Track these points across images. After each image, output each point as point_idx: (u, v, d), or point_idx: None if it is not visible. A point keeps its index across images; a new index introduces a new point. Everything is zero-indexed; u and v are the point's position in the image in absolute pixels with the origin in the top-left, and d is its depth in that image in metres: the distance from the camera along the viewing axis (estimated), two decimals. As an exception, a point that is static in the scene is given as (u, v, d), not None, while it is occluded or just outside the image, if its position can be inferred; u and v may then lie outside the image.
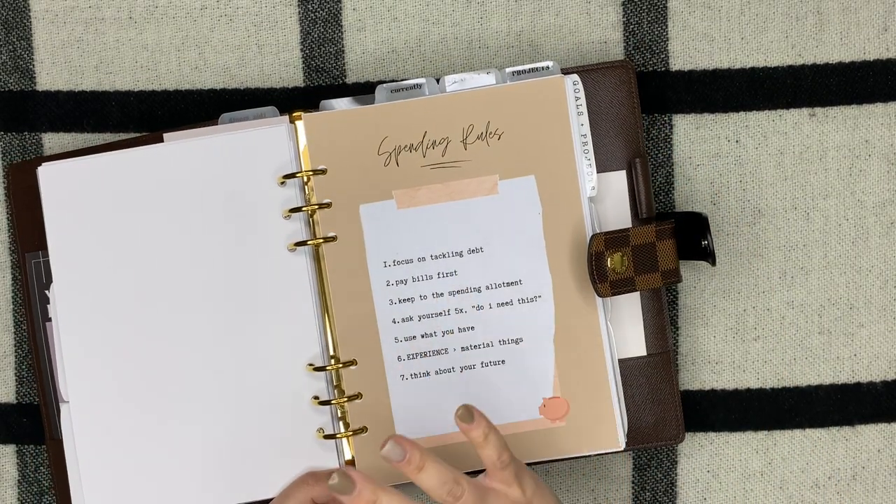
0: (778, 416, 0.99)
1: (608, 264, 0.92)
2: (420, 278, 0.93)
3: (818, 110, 0.99)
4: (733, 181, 0.99)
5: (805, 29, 0.98)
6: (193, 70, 1.00)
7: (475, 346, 0.94)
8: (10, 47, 1.01)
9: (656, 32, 0.99)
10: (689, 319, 0.99)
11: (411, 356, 0.93)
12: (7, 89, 1.01)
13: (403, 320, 0.93)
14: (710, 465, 1.00)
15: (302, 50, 1.00)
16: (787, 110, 0.99)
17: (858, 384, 0.99)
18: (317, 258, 0.93)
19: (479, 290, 0.93)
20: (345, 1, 0.99)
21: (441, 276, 0.93)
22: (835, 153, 0.99)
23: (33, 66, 1.01)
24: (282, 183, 0.93)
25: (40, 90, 1.01)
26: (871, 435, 0.99)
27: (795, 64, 0.99)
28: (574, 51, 0.99)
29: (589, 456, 0.96)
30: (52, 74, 1.01)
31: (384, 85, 0.95)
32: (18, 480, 1.02)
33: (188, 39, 1.00)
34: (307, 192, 0.93)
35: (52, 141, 1.01)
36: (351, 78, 1.00)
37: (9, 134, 1.01)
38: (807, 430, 0.99)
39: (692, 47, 0.99)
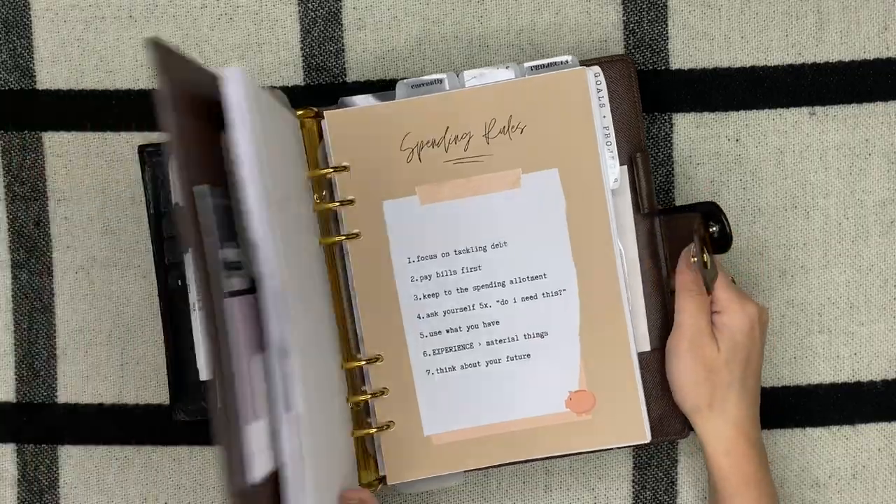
0: (778, 414, 0.99)
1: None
2: (444, 273, 0.93)
3: (818, 109, 0.99)
4: (733, 180, 0.99)
5: (805, 28, 0.98)
6: (194, 69, 1.00)
7: (500, 341, 0.94)
8: (11, 46, 1.01)
9: (656, 31, 0.99)
10: (689, 318, 0.99)
11: (437, 351, 0.93)
12: (7, 88, 1.01)
13: (428, 315, 0.93)
14: (710, 463, 1.00)
15: (302, 49, 1.00)
16: (788, 109, 0.99)
17: (859, 383, 0.99)
18: (341, 255, 0.93)
19: (503, 285, 0.93)
20: None
21: (465, 270, 0.93)
22: (835, 152, 0.99)
23: (33, 64, 1.01)
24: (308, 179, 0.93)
25: (40, 89, 1.01)
26: (872, 434, 0.99)
27: (795, 63, 0.99)
28: (574, 49, 0.99)
29: (614, 449, 0.95)
30: (52, 73, 1.01)
31: (404, 81, 0.95)
32: (18, 480, 1.02)
33: (188, 38, 1.00)
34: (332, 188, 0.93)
35: (52, 140, 1.01)
36: (351, 77, 1.00)
37: (9, 133, 1.01)
38: (807, 428, 0.99)
39: (692, 46, 0.99)
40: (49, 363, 1.02)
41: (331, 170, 0.93)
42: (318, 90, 1.00)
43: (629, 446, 0.96)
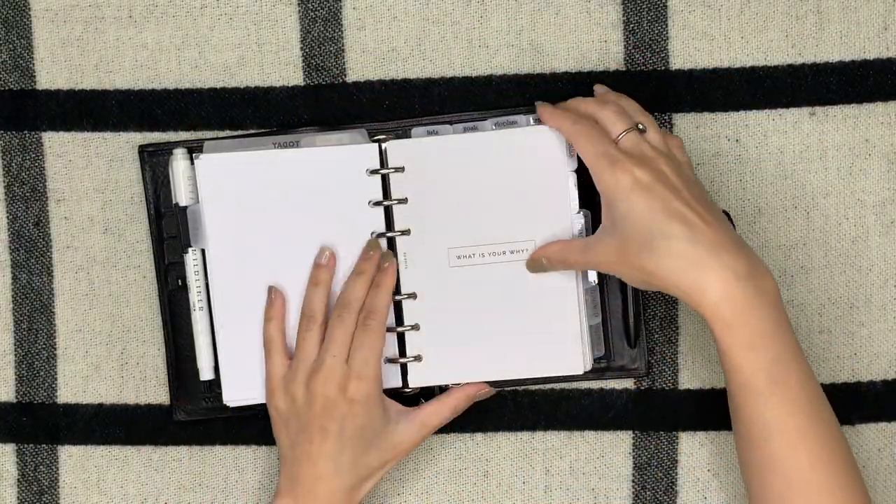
0: (778, 414, 0.99)
1: None
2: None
3: (818, 109, 0.99)
4: (733, 180, 0.99)
5: (805, 28, 0.98)
6: (193, 69, 1.00)
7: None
8: (11, 46, 1.01)
9: (656, 31, 0.99)
10: (689, 318, 0.99)
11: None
12: (7, 88, 1.01)
13: None
14: (710, 464, 1.00)
15: (302, 49, 1.00)
16: (787, 109, 0.99)
17: (859, 383, 0.99)
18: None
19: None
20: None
21: None
22: (835, 152, 0.99)
23: (33, 64, 1.01)
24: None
25: (40, 89, 1.01)
26: (872, 434, 0.99)
27: (795, 63, 0.99)
28: (574, 49, 0.99)
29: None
30: (52, 73, 1.01)
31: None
32: (18, 479, 1.02)
33: (188, 38, 1.00)
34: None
35: (52, 140, 1.01)
36: (351, 77, 1.00)
37: (9, 133, 1.01)
38: (807, 428, 0.99)
39: (692, 46, 0.99)
40: (49, 363, 1.02)
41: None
42: (319, 90, 1.00)
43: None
